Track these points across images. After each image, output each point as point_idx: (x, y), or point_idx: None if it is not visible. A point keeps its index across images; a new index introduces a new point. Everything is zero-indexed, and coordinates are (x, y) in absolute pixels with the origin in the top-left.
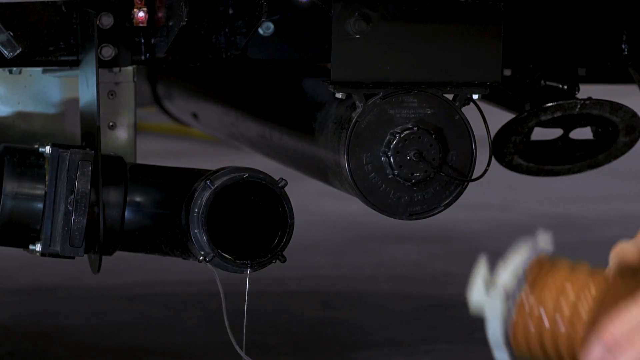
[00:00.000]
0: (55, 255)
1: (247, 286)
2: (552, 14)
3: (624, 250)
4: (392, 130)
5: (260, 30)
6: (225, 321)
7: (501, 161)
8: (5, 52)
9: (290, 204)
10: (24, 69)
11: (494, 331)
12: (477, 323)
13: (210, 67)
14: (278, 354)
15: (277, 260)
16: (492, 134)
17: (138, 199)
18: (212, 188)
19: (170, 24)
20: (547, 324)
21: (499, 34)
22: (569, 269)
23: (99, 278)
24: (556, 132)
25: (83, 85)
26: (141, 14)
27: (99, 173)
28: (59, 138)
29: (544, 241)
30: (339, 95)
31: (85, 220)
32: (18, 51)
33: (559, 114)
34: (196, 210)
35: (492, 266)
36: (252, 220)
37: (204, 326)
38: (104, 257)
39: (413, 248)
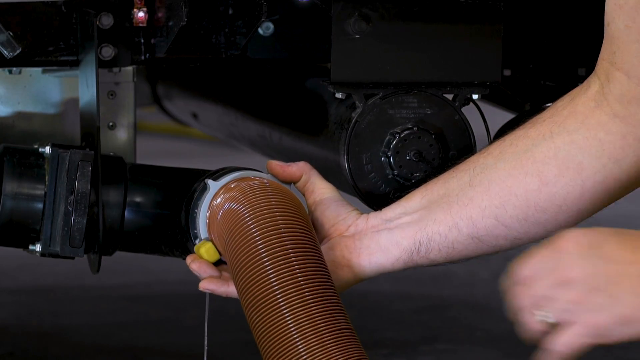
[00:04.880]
0: (55, 255)
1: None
2: (552, 14)
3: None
4: (392, 130)
5: (260, 30)
6: (205, 323)
7: None
8: (5, 52)
9: None
10: (24, 69)
11: (202, 222)
12: (477, 323)
13: (210, 67)
14: None
15: None
16: (492, 134)
17: (138, 199)
18: None
19: (170, 24)
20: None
21: (498, 34)
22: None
23: (99, 278)
24: None
25: (83, 85)
26: (141, 14)
27: (99, 173)
28: (59, 138)
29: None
30: (338, 95)
31: (85, 221)
32: (18, 51)
33: None
34: (196, 210)
35: None
36: None
37: (204, 326)
38: (104, 257)
39: None
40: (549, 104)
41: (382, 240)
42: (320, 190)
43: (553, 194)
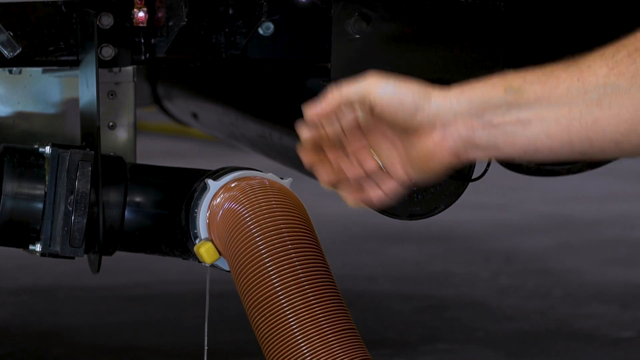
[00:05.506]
0: (55, 255)
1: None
2: (552, 14)
3: None
4: None
5: (260, 30)
6: (205, 323)
7: (501, 161)
8: (5, 52)
9: None
10: (24, 69)
11: (202, 222)
12: (477, 323)
13: (210, 67)
14: None
15: None
16: None
17: (138, 199)
18: None
19: (170, 24)
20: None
21: (499, 34)
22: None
23: (99, 278)
24: None
25: (83, 85)
26: (141, 14)
27: (99, 173)
28: (59, 138)
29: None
30: None
31: (85, 221)
32: (18, 51)
33: None
34: (196, 210)
35: None
36: None
37: (204, 326)
38: (104, 257)
39: (413, 248)
40: None
41: (482, 141)
42: (377, 94)
43: None
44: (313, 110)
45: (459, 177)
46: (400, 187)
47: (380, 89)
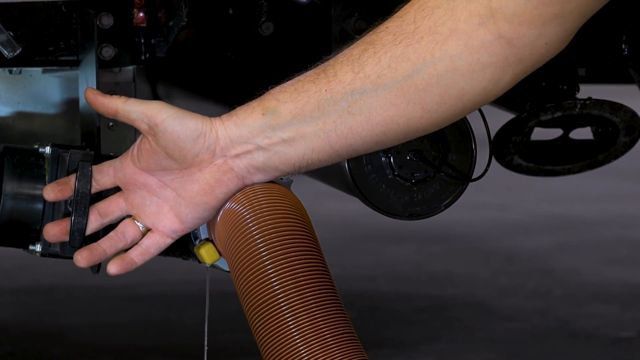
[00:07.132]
0: (55, 255)
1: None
2: None
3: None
4: None
5: (260, 30)
6: (205, 323)
7: (501, 161)
8: (5, 52)
9: None
10: (24, 69)
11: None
12: (477, 323)
13: (210, 67)
14: None
15: None
16: (492, 134)
17: None
18: None
19: (170, 24)
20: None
21: None
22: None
23: (99, 278)
24: (556, 132)
25: (83, 85)
26: (141, 14)
27: None
28: (59, 138)
29: None
30: None
31: (85, 221)
32: (18, 51)
33: (559, 114)
34: None
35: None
36: None
37: (204, 326)
38: None
39: (413, 248)
40: (550, 104)
41: (260, 164)
42: (156, 117)
43: (434, 119)
44: (94, 95)
45: (459, 177)
46: (168, 238)
47: (166, 110)
